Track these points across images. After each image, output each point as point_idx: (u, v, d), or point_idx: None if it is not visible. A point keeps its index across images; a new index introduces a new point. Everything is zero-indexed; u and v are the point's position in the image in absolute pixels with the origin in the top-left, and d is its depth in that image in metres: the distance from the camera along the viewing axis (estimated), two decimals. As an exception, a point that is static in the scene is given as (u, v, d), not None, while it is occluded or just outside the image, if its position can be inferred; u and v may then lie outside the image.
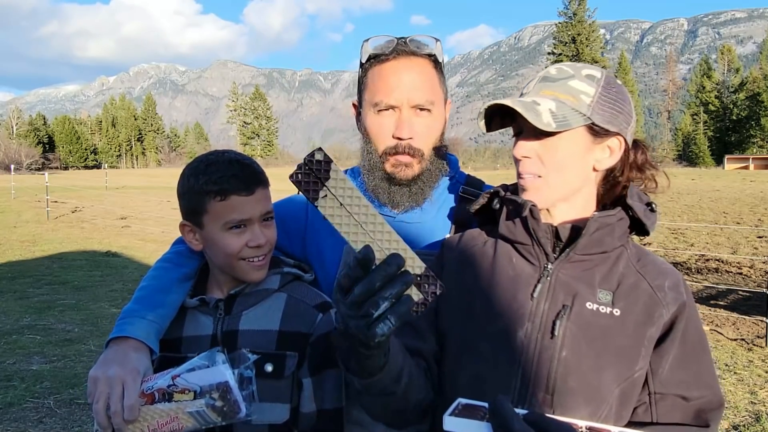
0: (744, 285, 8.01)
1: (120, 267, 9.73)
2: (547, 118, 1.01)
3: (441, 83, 1.37)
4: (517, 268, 1.10)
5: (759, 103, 67.11)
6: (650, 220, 1.09)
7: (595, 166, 1.09)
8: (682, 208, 17.66)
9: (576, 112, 1.03)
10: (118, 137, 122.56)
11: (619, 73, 79.71)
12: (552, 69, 1.08)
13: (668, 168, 42.32)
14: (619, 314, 1.03)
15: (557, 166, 1.06)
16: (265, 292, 1.30)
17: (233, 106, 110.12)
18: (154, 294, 1.25)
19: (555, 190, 1.07)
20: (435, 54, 1.34)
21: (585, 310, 1.03)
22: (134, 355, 1.12)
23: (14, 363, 5.02)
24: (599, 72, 1.08)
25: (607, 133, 1.07)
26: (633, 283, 1.06)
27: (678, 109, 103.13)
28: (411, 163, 1.32)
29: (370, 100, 1.33)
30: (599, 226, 1.05)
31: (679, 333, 1.04)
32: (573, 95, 1.04)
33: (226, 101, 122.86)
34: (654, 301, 1.04)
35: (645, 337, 1.02)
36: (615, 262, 1.08)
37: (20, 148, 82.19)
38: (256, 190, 1.23)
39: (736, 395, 4.42)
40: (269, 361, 1.23)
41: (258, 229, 1.23)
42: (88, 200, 21.07)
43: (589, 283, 1.05)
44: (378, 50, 1.33)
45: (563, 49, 70.66)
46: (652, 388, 1.03)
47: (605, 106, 1.05)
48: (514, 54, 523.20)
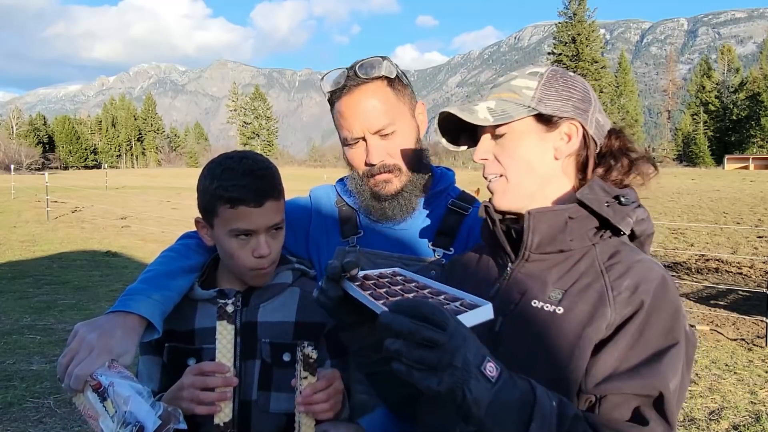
0: (744, 285, 8.02)
1: (120, 267, 9.74)
2: (483, 114, 1.05)
3: (400, 98, 1.40)
4: (487, 270, 1.14)
5: (759, 103, 67.16)
6: (618, 215, 1.03)
7: (555, 154, 1.10)
8: (682, 208, 17.66)
9: (518, 105, 1.07)
10: (118, 137, 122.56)
11: (619, 73, 79.75)
12: (503, 77, 1.13)
13: (668, 168, 42.39)
14: (561, 312, 0.99)
15: (514, 161, 1.08)
16: (280, 287, 1.34)
17: (233, 106, 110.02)
18: (159, 277, 1.26)
19: (521, 187, 1.09)
20: (384, 74, 1.37)
21: (529, 308, 1.03)
22: (119, 334, 1.10)
23: (14, 363, 5.02)
24: (544, 68, 1.11)
25: (558, 120, 1.08)
26: (588, 282, 1.01)
27: (678, 109, 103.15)
28: (390, 179, 1.39)
29: (341, 135, 1.41)
30: (541, 222, 1.04)
31: (630, 334, 0.95)
32: (514, 92, 1.09)
33: (226, 101, 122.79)
34: (602, 301, 0.98)
35: (582, 336, 0.96)
36: (577, 261, 1.05)
37: (20, 148, 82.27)
38: (266, 203, 1.23)
39: (736, 395, 4.41)
40: (287, 350, 1.28)
41: (263, 239, 1.25)
42: (88, 200, 21.07)
43: (542, 282, 1.05)
44: (332, 86, 1.39)
45: (563, 49, 70.66)
46: (584, 387, 0.96)
47: (551, 95, 1.08)
48: (514, 54, 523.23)
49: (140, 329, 1.15)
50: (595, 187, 1.05)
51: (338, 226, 1.47)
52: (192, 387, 1.15)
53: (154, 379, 1.32)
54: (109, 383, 1.03)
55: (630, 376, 0.92)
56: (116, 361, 1.07)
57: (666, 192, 24.06)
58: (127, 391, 1.02)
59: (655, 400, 0.91)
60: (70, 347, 1.07)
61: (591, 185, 1.06)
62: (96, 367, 1.04)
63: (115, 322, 1.13)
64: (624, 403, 0.92)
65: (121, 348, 1.09)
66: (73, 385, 1.03)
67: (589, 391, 0.95)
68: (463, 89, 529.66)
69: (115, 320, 1.13)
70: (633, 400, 0.92)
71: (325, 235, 1.47)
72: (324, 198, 1.54)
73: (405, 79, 1.43)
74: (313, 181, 1.87)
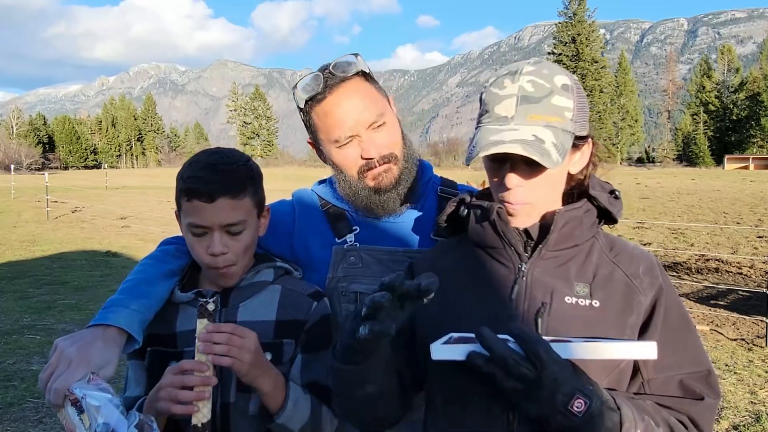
0: (744, 285, 8.01)
1: (120, 267, 9.73)
2: (555, 155, 0.99)
3: (378, 90, 1.40)
4: (492, 272, 1.11)
5: (759, 103, 67.17)
6: (616, 208, 1.10)
7: (570, 170, 1.11)
8: (682, 208, 17.67)
9: (566, 133, 1.03)
10: (118, 137, 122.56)
11: (619, 73, 79.78)
12: (526, 83, 1.03)
13: (668, 168, 42.50)
14: (598, 305, 1.03)
15: (548, 188, 1.07)
16: (259, 285, 1.31)
17: (233, 106, 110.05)
18: (139, 285, 1.25)
19: (542, 209, 1.08)
20: (361, 69, 1.35)
21: (564, 305, 1.03)
22: (99, 346, 1.10)
23: (14, 363, 5.02)
24: (568, 78, 1.07)
25: (582, 140, 1.09)
26: (608, 273, 1.07)
27: (678, 109, 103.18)
28: (390, 168, 1.37)
29: (327, 139, 1.36)
30: (567, 220, 1.05)
31: (661, 317, 1.05)
32: (558, 115, 1.02)
33: (226, 101, 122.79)
34: (631, 289, 1.05)
35: (627, 326, 1.02)
36: (588, 254, 1.08)
37: (20, 148, 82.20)
38: (218, 199, 1.19)
39: (736, 395, 4.41)
40: (268, 349, 1.25)
41: (217, 237, 1.21)
42: (88, 200, 21.07)
43: (565, 278, 1.05)
44: (311, 91, 1.34)
45: (563, 49, 70.68)
46: (645, 376, 1.04)
47: (580, 115, 1.06)
48: (514, 54, 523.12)
49: (121, 340, 1.14)
50: (596, 183, 1.12)
51: (328, 226, 1.43)
52: (171, 386, 1.13)
53: (141, 383, 1.30)
54: (83, 395, 1.01)
55: (676, 355, 1.04)
56: (96, 374, 1.06)
57: (666, 192, 24.07)
58: (99, 402, 1.01)
59: (703, 375, 1.04)
60: (50, 362, 1.06)
61: (592, 182, 1.12)
62: (74, 381, 1.03)
63: (95, 334, 1.12)
64: (675, 383, 1.03)
65: (100, 360, 1.08)
66: (53, 400, 1.03)
67: (643, 376, 1.04)
68: (463, 89, 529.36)
69: (95, 333, 1.12)
70: (683, 380, 1.03)
71: (314, 236, 1.43)
72: (307, 200, 1.51)
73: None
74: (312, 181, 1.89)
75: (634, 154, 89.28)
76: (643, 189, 26.11)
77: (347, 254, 1.38)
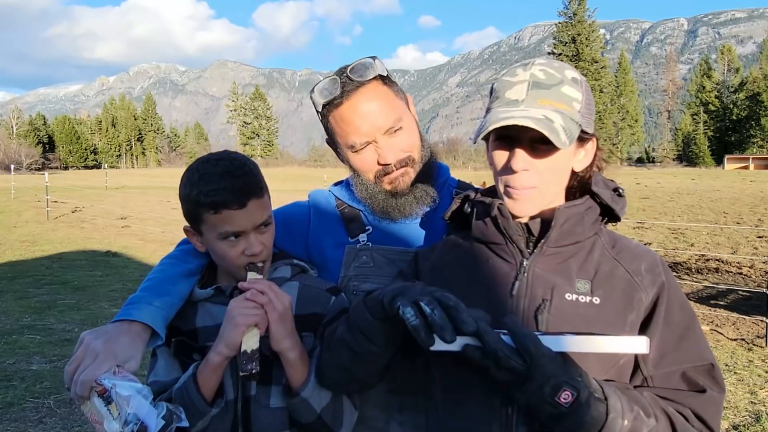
0: (744, 285, 8.01)
1: (120, 267, 9.73)
2: (563, 136, 0.99)
3: (396, 93, 1.39)
4: (494, 268, 1.12)
5: (759, 103, 67.14)
6: (619, 205, 1.10)
7: (574, 167, 1.12)
8: (682, 208, 17.67)
9: (573, 122, 1.03)
10: (118, 137, 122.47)
11: (619, 73, 79.77)
12: (538, 71, 1.05)
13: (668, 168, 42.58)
14: (598, 302, 1.04)
15: (553, 176, 1.07)
16: (278, 281, 1.33)
17: (233, 106, 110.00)
18: (160, 284, 1.28)
19: (546, 198, 1.09)
20: (378, 73, 1.35)
21: (564, 302, 1.04)
22: (125, 340, 1.13)
23: (14, 363, 5.02)
24: (578, 74, 1.09)
25: (587, 137, 1.09)
26: (609, 270, 1.07)
27: (678, 109, 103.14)
28: (407, 171, 1.37)
29: (344, 143, 1.37)
30: (568, 217, 1.06)
31: (662, 314, 1.05)
32: (567, 103, 1.04)
33: (226, 101, 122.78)
34: (632, 286, 1.05)
35: (626, 323, 1.03)
36: (590, 250, 1.09)
37: (20, 148, 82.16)
38: (248, 203, 1.22)
39: (736, 395, 4.41)
40: None
41: (253, 238, 1.24)
42: (88, 200, 21.07)
43: (566, 275, 1.06)
44: (328, 95, 1.34)
45: (563, 49, 70.66)
46: (646, 372, 1.05)
47: (587, 110, 1.07)
48: (514, 54, 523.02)
49: (145, 336, 1.18)
50: (599, 180, 1.12)
51: (342, 226, 1.44)
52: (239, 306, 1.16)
53: (175, 368, 1.32)
54: (112, 386, 1.04)
55: (677, 352, 1.04)
56: (122, 367, 1.09)
57: (666, 192, 24.07)
58: (129, 392, 1.03)
59: (706, 368, 1.04)
60: (75, 355, 1.09)
61: (595, 179, 1.12)
62: (101, 373, 1.06)
63: (121, 329, 1.15)
64: (677, 376, 1.03)
65: (126, 354, 1.11)
66: (79, 392, 1.05)
67: (643, 373, 1.05)
68: (463, 89, 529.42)
69: (120, 328, 1.16)
70: (685, 372, 1.03)
71: (328, 236, 1.45)
72: (323, 201, 1.52)
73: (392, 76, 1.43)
74: (312, 181, 1.90)
75: (634, 154, 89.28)
76: (643, 189, 26.10)
77: (359, 253, 1.39)
